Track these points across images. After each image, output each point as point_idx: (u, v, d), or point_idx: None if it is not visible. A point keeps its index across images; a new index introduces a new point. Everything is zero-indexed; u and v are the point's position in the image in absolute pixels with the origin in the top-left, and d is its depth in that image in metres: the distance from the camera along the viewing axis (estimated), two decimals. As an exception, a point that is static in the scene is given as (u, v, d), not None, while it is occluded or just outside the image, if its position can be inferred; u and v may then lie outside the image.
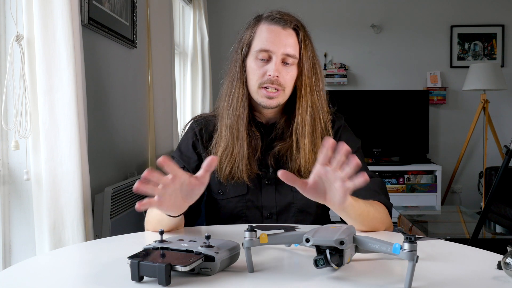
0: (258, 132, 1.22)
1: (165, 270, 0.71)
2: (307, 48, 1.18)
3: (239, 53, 1.21)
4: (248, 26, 1.21)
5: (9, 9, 1.41)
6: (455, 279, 0.77)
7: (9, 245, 1.47)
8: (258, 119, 1.24)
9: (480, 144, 4.41)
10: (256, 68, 1.17)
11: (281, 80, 1.16)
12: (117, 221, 1.83)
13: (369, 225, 1.06)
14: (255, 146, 1.20)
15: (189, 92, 3.69)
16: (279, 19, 1.17)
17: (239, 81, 1.20)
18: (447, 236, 2.63)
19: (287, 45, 1.16)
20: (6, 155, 1.46)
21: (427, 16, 4.53)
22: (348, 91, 4.46)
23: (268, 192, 1.23)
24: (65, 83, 1.38)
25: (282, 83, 1.16)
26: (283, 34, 1.16)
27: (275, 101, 1.17)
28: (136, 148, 2.40)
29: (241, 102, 1.19)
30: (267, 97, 1.17)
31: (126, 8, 2.18)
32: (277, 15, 1.18)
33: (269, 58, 1.16)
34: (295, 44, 1.17)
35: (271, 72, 1.14)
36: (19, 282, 0.76)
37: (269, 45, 1.15)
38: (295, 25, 1.17)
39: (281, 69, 1.15)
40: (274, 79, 1.15)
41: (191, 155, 1.25)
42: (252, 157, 1.19)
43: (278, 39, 1.15)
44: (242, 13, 1.23)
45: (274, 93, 1.16)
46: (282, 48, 1.15)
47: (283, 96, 1.18)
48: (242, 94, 1.19)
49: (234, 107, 1.19)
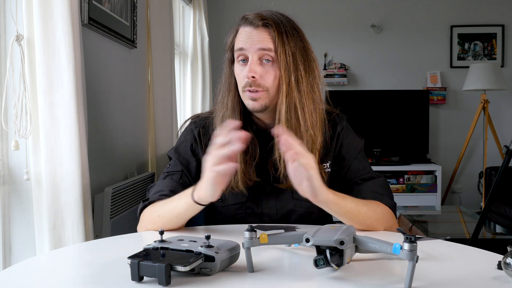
0: (256, 139, 1.18)
1: (165, 270, 0.71)
2: (284, 43, 1.12)
3: (226, 59, 1.20)
4: (231, 31, 1.20)
5: (9, 9, 1.41)
6: (455, 279, 0.77)
7: (9, 245, 1.47)
8: (258, 125, 1.21)
9: (480, 144, 4.41)
10: (238, 72, 1.15)
11: (259, 81, 1.11)
12: (117, 221, 1.83)
13: (361, 223, 1.06)
14: (253, 153, 1.17)
15: (189, 92, 3.69)
16: (251, 19, 1.14)
17: (228, 88, 1.18)
18: (447, 236, 2.63)
19: (259, 41, 1.12)
20: (6, 155, 1.46)
21: (427, 16, 4.53)
22: (348, 91, 4.46)
23: (269, 200, 1.20)
24: (65, 83, 1.38)
25: (261, 84, 1.11)
26: (254, 32, 1.13)
27: (258, 103, 1.13)
28: (136, 148, 2.40)
29: (232, 109, 1.17)
30: (252, 99, 1.13)
31: (126, 8, 2.18)
32: (250, 15, 1.15)
33: (247, 59, 1.13)
34: (268, 39, 1.12)
35: (246, 73, 1.11)
36: (19, 282, 0.76)
37: (242, 43, 1.13)
38: (265, 23, 1.13)
39: (258, 69, 1.11)
40: (251, 81, 1.11)
41: (189, 158, 1.23)
42: (250, 165, 1.16)
43: (250, 38, 1.13)
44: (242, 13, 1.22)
45: (256, 94, 1.12)
46: (254, 44, 1.12)
47: (268, 97, 1.13)
48: (232, 100, 1.17)
49: (225, 115, 1.17)
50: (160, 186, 1.19)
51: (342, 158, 1.23)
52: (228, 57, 1.20)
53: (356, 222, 1.05)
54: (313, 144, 1.14)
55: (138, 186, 2.10)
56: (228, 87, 1.19)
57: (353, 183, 1.22)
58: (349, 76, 4.56)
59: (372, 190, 1.18)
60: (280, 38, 1.12)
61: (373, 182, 1.20)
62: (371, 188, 1.19)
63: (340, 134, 1.24)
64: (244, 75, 1.12)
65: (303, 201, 1.16)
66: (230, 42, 1.19)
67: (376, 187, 1.19)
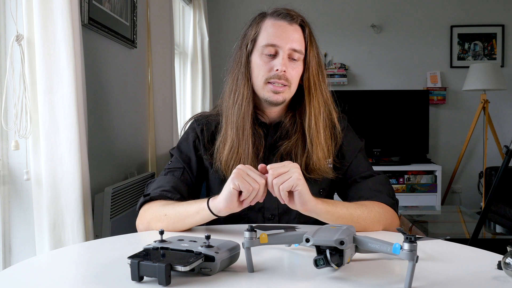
0: (262, 132, 1.21)
1: (165, 270, 0.71)
2: (313, 45, 1.19)
3: (244, 49, 1.20)
4: (252, 23, 1.21)
5: (9, 9, 1.41)
6: (455, 279, 0.77)
7: (9, 245, 1.46)
8: (261, 119, 1.24)
9: (480, 144, 4.41)
10: (263, 64, 1.16)
11: (288, 75, 1.15)
12: (117, 221, 1.83)
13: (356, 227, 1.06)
14: (258, 145, 1.20)
15: (189, 92, 3.69)
16: (285, 15, 1.17)
17: (244, 77, 1.19)
18: (447, 236, 2.63)
19: (293, 40, 1.15)
20: (6, 155, 1.46)
21: (427, 16, 4.53)
22: (348, 91, 4.46)
23: (270, 194, 1.21)
24: (65, 83, 1.38)
25: (288, 78, 1.15)
26: (290, 29, 1.16)
27: (281, 96, 1.16)
28: (136, 148, 2.40)
29: (246, 99, 1.18)
30: (274, 92, 1.16)
31: (126, 8, 2.18)
32: (283, 10, 1.18)
33: (276, 53, 1.16)
34: (301, 40, 1.17)
35: (279, 67, 1.14)
36: (19, 282, 0.76)
37: (276, 39, 1.15)
38: (301, 21, 1.18)
39: (287, 65, 1.15)
40: (281, 74, 1.14)
41: (191, 156, 1.24)
42: (255, 157, 1.18)
43: (285, 34, 1.15)
44: (242, 13, 1.23)
45: (281, 88, 1.15)
46: (289, 43, 1.15)
47: (289, 92, 1.18)
48: (247, 91, 1.18)
49: (240, 104, 1.18)
50: (161, 181, 1.20)
51: (342, 156, 1.24)
52: (248, 47, 1.19)
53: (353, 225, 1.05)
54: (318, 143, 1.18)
55: (138, 186, 2.10)
56: (244, 77, 1.19)
57: (352, 181, 1.22)
58: (349, 76, 4.56)
59: (370, 188, 1.18)
60: (310, 39, 1.18)
61: (372, 180, 1.21)
62: (370, 186, 1.19)
63: (341, 133, 1.26)
64: (272, 67, 1.15)
65: None
66: (254, 34, 1.19)
67: (376, 185, 1.19)
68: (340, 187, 1.27)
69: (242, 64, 1.19)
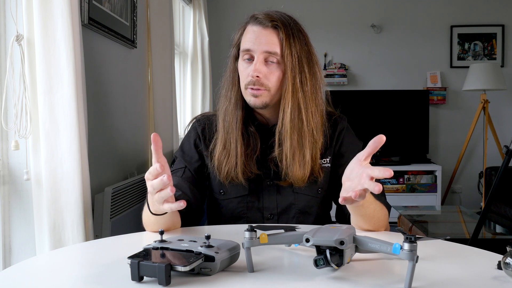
0: (258, 133, 1.22)
1: (165, 270, 0.71)
2: (291, 46, 1.15)
3: (231, 54, 1.23)
4: (238, 28, 1.23)
5: (9, 9, 1.41)
6: (455, 279, 0.77)
7: (9, 245, 1.46)
8: (259, 121, 1.24)
9: (480, 144, 4.41)
10: (243, 70, 1.18)
11: (263, 80, 1.15)
12: (117, 221, 1.83)
13: (375, 225, 1.08)
14: (254, 146, 1.20)
15: (189, 92, 3.70)
16: (260, 19, 1.16)
17: (232, 82, 1.22)
18: (447, 236, 2.63)
19: (266, 43, 1.15)
20: (6, 155, 1.46)
21: (427, 16, 4.53)
22: (348, 91, 4.46)
23: (270, 193, 1.23)
24: (65, 83, 1.38)
25: (264, 83, 1.15)
26: (263, 33, 1.16)
27: (259, 100, 1.16)
28: (136, 148, 2.40)
29: (235, 103, 1.20)
30: (253, 96, 1.16)
31: (126, 8, 2.18)
32: (260, 15, 1.18)
33: (252, 58, 1.17)
34: (275, 42, 1.15)
35: (251, 73, 1.15)
36: (19, 282, 0.76)
37: (250, 44, 1.16)
38: (274, 24, 1.15)
39: (262, 69, 1.15)
40: (255, 80, 1.14)
41: (193, 154, 1.26)
42: (251, 158, 1.19)
43: (258, 39, 1.15)
44: (242, 13, 1.22)
45: (257, 91, 1.15)
46: (261, 46, 1.15)
47: (269, 96, 1.16)
48: (235, 95, 1.20)
49: (228, 108, 1.21)
50: None
51: (341, 156, 1.25)
52: (233, 53, 1.23)
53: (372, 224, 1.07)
54: (315, 143, 1.18)
55: (138, 186, 2.10)
56: (232, 82, 1.22)
57: None
58: (349, 76, 4.56)
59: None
60: (287, 40, 1.15)
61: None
62: None
63: (341, 133, 1.27)
64: (248, 73, 1.15)
65: (303, 195, 1.22)
66: (237, 39, 1.21)
67: None
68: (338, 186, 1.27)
69: (230, 69, 1.23)
